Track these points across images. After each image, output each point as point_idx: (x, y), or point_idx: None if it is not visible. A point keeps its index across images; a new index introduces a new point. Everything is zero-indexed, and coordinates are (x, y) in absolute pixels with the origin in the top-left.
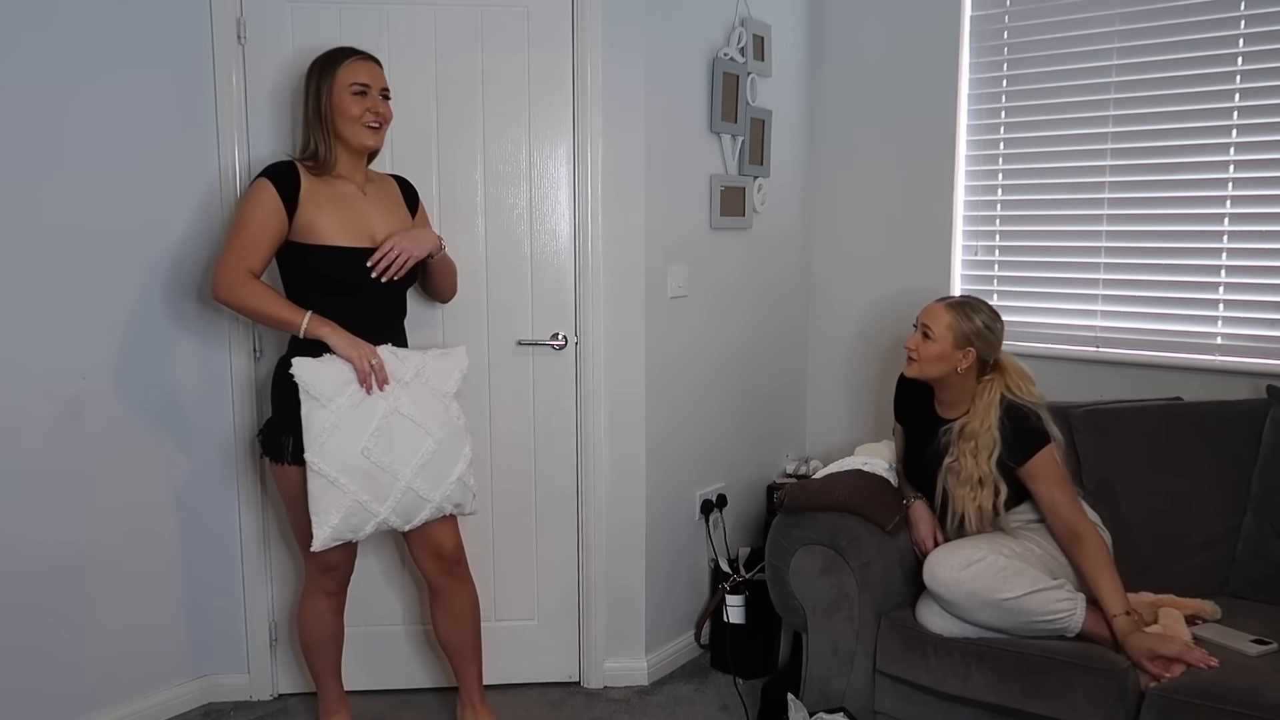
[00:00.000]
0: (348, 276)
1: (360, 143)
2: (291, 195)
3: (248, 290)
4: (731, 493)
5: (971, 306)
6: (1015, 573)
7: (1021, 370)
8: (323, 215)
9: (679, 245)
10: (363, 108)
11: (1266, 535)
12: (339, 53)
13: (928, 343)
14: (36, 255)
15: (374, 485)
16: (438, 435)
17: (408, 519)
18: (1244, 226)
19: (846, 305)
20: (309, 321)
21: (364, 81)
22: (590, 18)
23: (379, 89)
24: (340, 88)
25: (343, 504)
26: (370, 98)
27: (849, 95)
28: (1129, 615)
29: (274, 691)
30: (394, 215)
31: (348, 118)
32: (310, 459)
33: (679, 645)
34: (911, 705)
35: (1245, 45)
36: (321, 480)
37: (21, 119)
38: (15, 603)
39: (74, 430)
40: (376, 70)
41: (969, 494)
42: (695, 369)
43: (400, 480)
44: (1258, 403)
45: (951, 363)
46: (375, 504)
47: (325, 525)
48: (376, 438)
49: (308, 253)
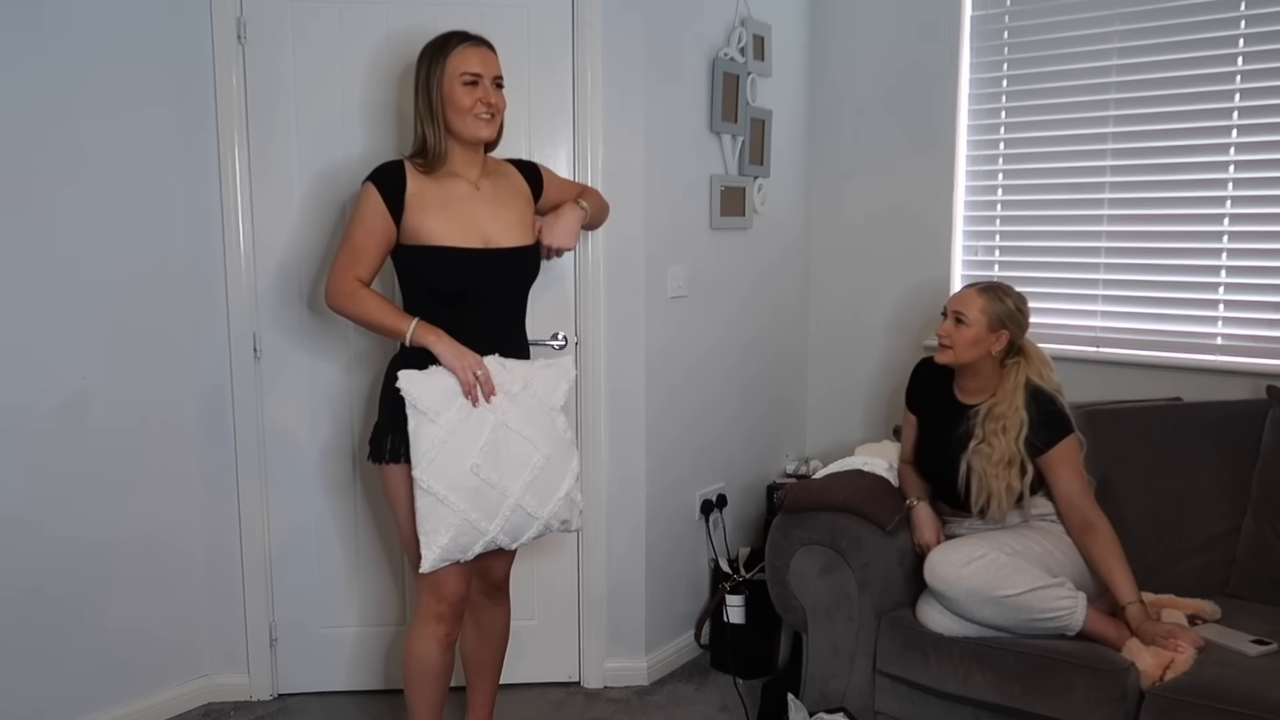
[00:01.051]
0: (457, 281)
1: (473, 135)
2: (397, 197)
3: (357, 299)
4: (731, 493)
5: (1003, 289)
6: (1016, 570)
7: (1044, 356)
8: (431, 217)
9: (679, 245)
10: (474, 98)
11: (1266, 535)
12: (449, 39)
13: (962, 328)
14: (37, 255)
15: (483, 502)
16: (545, 450)
17: (515, 537)
18: (1244, 227)
19: (846, 305)
20: (415, 329)
21: (475, 71)
22: (590, 18)
23: (491, 77)
24: (450, 78)
25: (452, 523)
26: (481, 87)
27: (849, 95)
28: (1141, 604)
29: (274, 691)
30: (512, 209)
31: (458, 109)
32: (418, 476)
33: (679, 645)
34: (911, 705)
35: (1245, 45)
36: (430, 499)
37: (19, 118)
38: (15, 603)
39: (74, 430)
40: (489, 57)
41: (998, 474)
42: (695, 369)
43: (509, 497)
44: (1258, 403)
45: (985, 346)
46: (484, 522)
47: (434, 545)
48: (486, 453)
49: (417, 256)
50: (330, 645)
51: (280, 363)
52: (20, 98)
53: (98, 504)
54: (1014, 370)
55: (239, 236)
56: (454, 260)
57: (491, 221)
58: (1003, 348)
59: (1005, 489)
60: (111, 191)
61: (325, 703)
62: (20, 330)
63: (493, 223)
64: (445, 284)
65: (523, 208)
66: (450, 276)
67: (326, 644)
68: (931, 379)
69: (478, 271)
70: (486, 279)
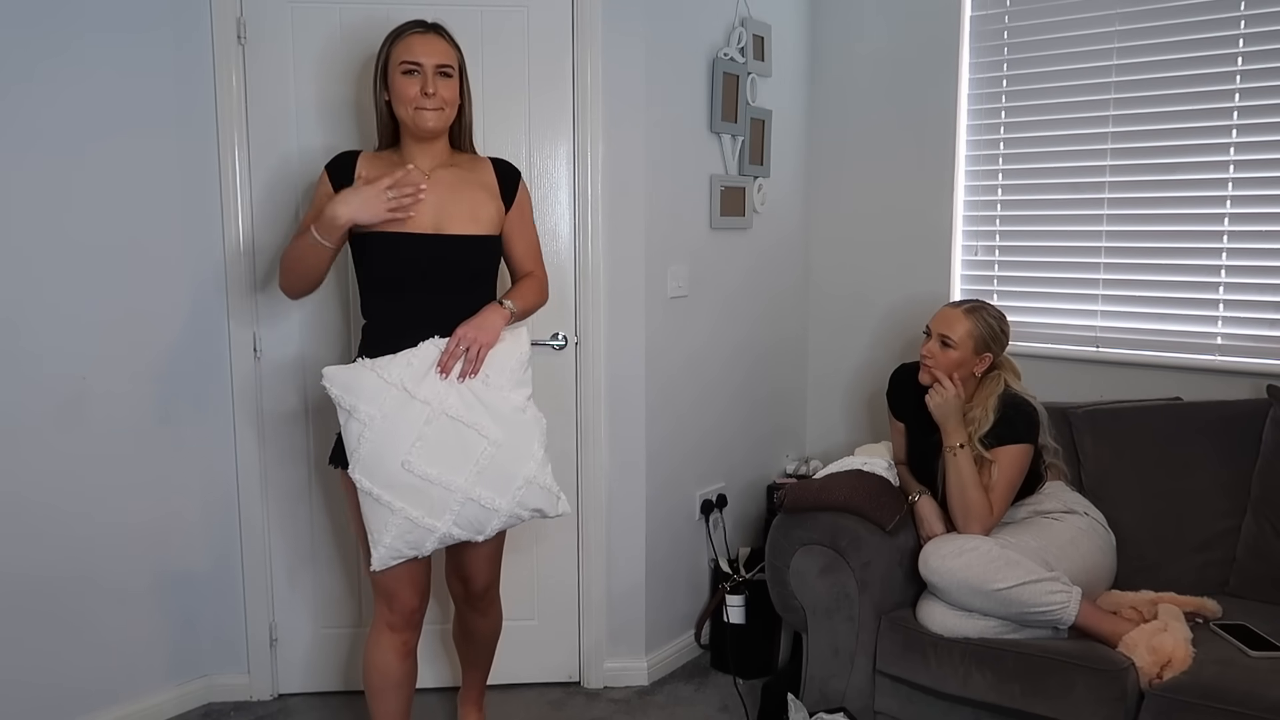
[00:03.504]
0: (396, 266)
1: (417, 126)
2: (345, 182)
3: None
4: (731, 493)
5: (986, 309)
6: (1009, 563)
7: (1014, 366)
8: None
9: (679, 245)
10: (414, 89)
11: (1266, 535)
12: (401, 27)
13: (947, 351)
14: (36, 256)
15: (424, 500)
16: (494, 436)
17: (479, 529)
18: (1244, 226)
19: (846, 305)
20: (315, 226)
21: (416, 59)
22: (590, 18)
23: (435, 66)
24: (393, 67)
25: (392, 522)
26: (423, 76)
27: (849, 95)
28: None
29: (274, 691)
30: (467, 200)
31: (400, 99)
32: (353, 476)
33: (679, 645)
34: (911, 705)
35: (1245, 45)
36: (368, 498)
37: (18, 118)
38: (15, 602)
39: (73, 430)
40: (435, 44)
41: None
42: (695, 369)
43: (455, 491)
44: (1258, 403)
45: (969, 369)
46: (431, 519)
47: (379, 545)
48: (418, 448)
49: (361, 242)
50: (330, 645)
51: (280, 363)
52: (16, 103)
53: (98, 504)
54: (992, 381)
55: (239, 236)
56: (393, 244)
57: (442, 208)
58: (984, 368)
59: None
60: (111, 191)
61: (325, 703)
62: (20, 330)
63: (443, 209)
64: (384, 269)
65: (483, 199)
66: (389, 261)
67: (327, 644)
68: (910, 386)
69: (418, 256)
70: (430, 265)
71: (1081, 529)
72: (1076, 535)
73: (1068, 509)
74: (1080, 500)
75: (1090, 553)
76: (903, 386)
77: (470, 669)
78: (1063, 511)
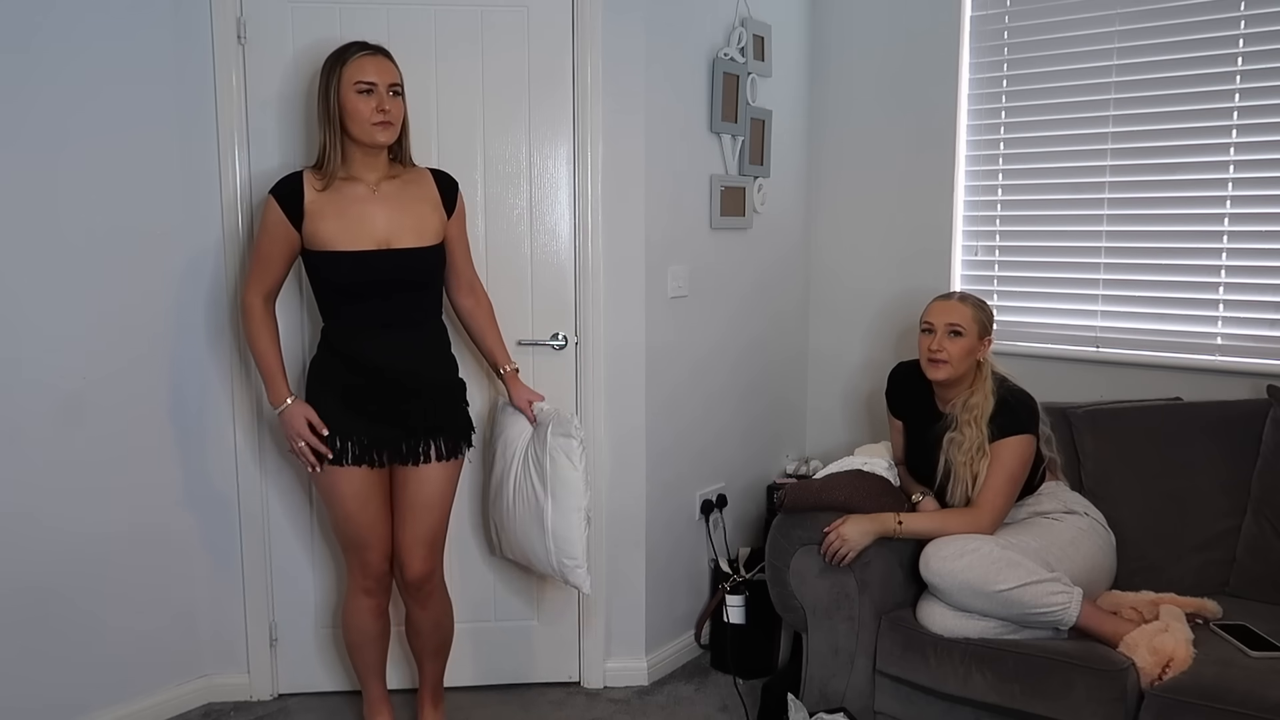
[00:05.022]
0: (351, 283)
1: (371, 140)
2: (295, 207)
3: (254, 329)
4: (731, 493)
5: (974, 297)
6: (1010, 564)
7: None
8: (327, 221)
9: (679, 245)
10: (370, 107)
11: (1266, 535)
12: (347, 49)
13: (957, 339)
14: (35, 256)
15: None
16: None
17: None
18: (1244, 227)
19: (847, 305)
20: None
21: (370, 79)
22: (590, 18)
23: (387, 85)
24: (346, 86)
25: None
26: (376, 95)
27: (849, 95)
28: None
29: (274, 691)
30: (411, 213)
31: (354, 117)
32: None
33: (679, 645)
34: (911, 705)
35: (1245, 45)
36: None
37: (18, 118)
38: (15, 603)
39: (73, 430)
40: (385, 65)
41: (968, 462)
42: (695, 369)
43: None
44: (1258, 403)
45: (975, 354)
46: None
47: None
48: None
49: (315, 260)
50: (330, 645)
51: None
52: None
53: (98, 504)
54: (985, 367)
55: (239, 236)
56: (347, 264)
57: (386, 223)
58: (986, 352)
59: (972, 478)
60: (111, 191)
61: (325, 703)
62: (19, 330)
63: (387, 225)
64: (341, 282)
65: (426, 212)
66: (346, 279)
67: (326, 644)
68: (910, 384)
69: (371, 274)
70: (384, 279)
71: (1082, 529)
72: (1077, 536)
73: (1068, 509)
74: (1080, 500)
75: (1091, 553)
76: (902, 385)
77: (421, 664)
78: (1063, 512)
